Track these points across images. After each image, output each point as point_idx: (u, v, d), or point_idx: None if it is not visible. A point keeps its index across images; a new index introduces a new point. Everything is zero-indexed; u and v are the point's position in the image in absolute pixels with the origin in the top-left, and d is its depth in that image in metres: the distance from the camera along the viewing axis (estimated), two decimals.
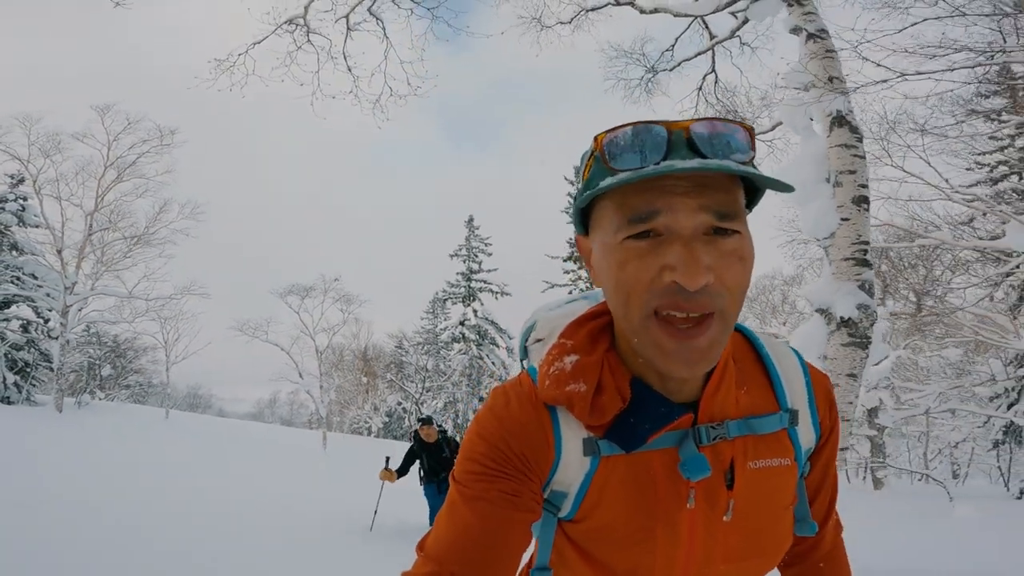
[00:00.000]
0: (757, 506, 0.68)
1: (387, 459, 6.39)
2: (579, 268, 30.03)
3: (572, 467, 0.67)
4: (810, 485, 0.78)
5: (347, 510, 6.80)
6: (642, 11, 8.60)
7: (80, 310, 18.89)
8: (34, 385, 19.58)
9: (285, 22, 6.38)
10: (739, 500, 0.67)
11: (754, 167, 0.58)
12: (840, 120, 5.01)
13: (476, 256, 33.20)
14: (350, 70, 6.60)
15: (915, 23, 3.56)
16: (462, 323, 32.10)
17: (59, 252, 18.22)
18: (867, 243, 4.60)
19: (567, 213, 31.20)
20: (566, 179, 31.33)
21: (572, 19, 9.21)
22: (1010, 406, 18.07)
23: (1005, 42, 4.17)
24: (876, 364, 16.27)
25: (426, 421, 6.07)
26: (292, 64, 6.54)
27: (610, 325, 0.71)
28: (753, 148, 0.57)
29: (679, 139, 0.56)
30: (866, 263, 4.55)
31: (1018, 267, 11.16)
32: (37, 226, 19.79)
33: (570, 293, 29.72)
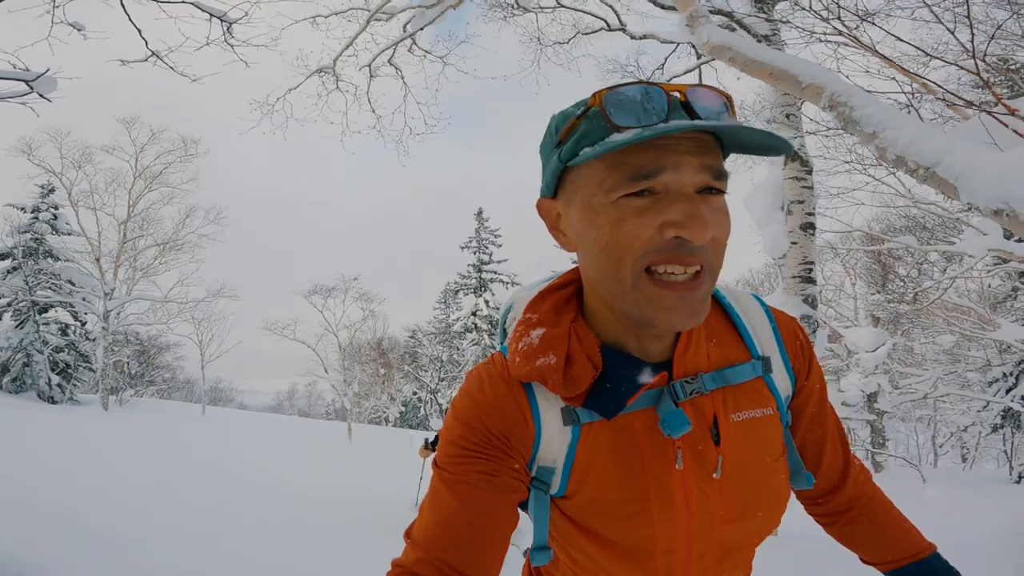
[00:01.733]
0: (746, 460, 0.68)
1: (426, 440, 6.67)
2: None
3: (554, 440, 0.67)
4: (810, 435, 0.77)
5: (388, 491, 7.84)
6: (632, 36, 9.53)
7: (118, 314, 20.24)
8: (75, 385, 21.00)
9: (316, 71, 7.40)
10: (727, 456, 0.67)
11: None
12: (793, 155, 5.96)
13: (486, 248, 34.23)
14: (374, 111, 7.62)
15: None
16: (474, 314, 33.21)
17: (97, 260, 19.53)
18: (812, 263, 5.57)
19: None
20: None
21: (569, 40, 10.13)
22: (1008, 391, 18.79)
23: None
24: (873, 351, 17.13)
25: None
26: (324, 106, 7.58)
27: (576, 294, 0.72)
28: (733, 115, 0.60)
29: (676, 102, 0.58)
30: (810, 280, 5.53)
31: (1002, 262, 11.94)
32: (69, 234, 21.11)
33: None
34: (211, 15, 4.07)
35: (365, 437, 20.94)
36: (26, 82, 3.43)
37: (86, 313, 20.80)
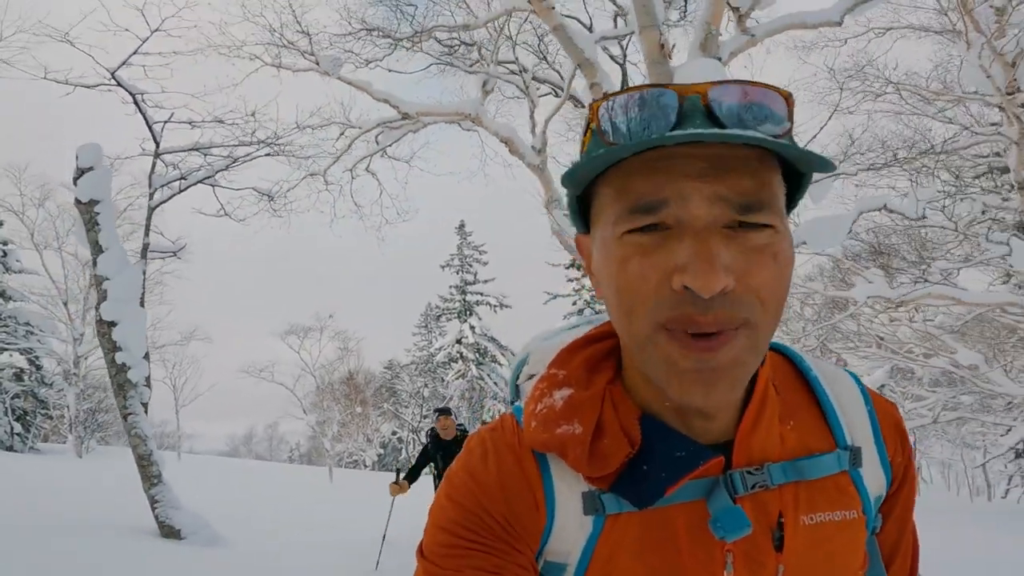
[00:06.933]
0: (816, 573, 0.68)
1: (397, 472, 7.16)
2: (583, 276, 35.14)
3: (570, 531, 0.67)
4: (884, 545, 0.78)
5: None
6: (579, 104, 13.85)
7: (86, 359, 24.62)
8: (35, 434, 25.28)
9: (309, 174, 11.83)
10: (791, 566, 0.66)
11: (793, 142, 0.57)
12: None
13: (470, 266, 38.43)
14: (355, 203, 12.07)
15: None
16: (459, 341, 37.30)
17: (65, 304, 23.93)
18: None
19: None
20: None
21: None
22: None
23: None
24: (869, 375, 21.25)
25: (444, 412, 6.41)
26: (316, 201, 12.03)
27: (615, 350, 0.73)
28: (790, 119, 0.58)
29: (694, 106, 0.57)
30: None
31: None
32: (21, 272, 25.35)
33: (574, 305, 34.73)
34: (261, 193, 8.32)
35: (346, 480, 25.20)
36: (174, 252, 7.82)
37: (38, 356, 24.92)
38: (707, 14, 6.78)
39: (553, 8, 7.92)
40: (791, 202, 0.64)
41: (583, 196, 0.66)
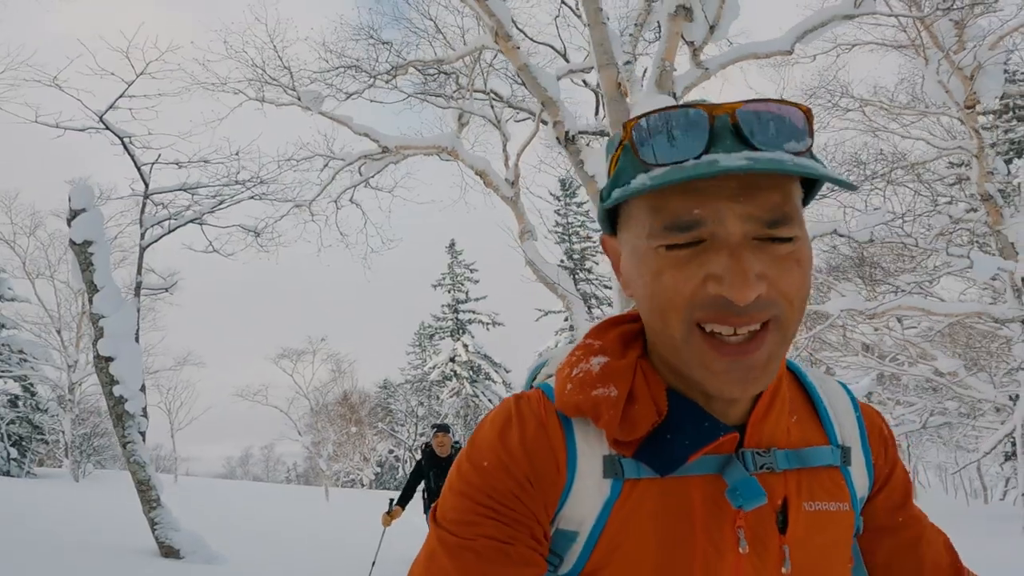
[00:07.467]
0: (817, 560, 0.72)
1: (391, 501, 7.12)
2: None
3: (587, 495, 0.70)
4: (901, 542, 0.82)
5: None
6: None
7: (80, 385, 25.01)
8: (31, 459, 25.61)
9: (295, 206, 12.34)
10: (794, 548, 0.71)
11: (813, 156, 0.64)
12: None
13: (462, 285, 38.91)
14: (341, 232, 12.58)
15: None
16: (452, 359, 37.71)
17: (59, 332, 24.34)
18: None
19: (556, 232, 36.76)
20: (551, 194, 36.94)
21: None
22: None
23: None
24: (857, 383, 21.68)
25: (442, 428, 6.47)
26: (303, 232, 12.54)
27: (643, 331, 0.78)
28: (811, 134, 0.63)
29: (723, 125, 0.62)
30: None
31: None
32: (13, 299, 25.78)
33: (565, 320, 35.21)
34: (247, 230, 8.85)
35: (342, 500, 25.57)
36: (166, 288, 8.35)
37: (34, 384, 25.32)
38: (662, 50, 7.31)
39: (518, 48, 8.45)
40: (805, 200, 0.70)
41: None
